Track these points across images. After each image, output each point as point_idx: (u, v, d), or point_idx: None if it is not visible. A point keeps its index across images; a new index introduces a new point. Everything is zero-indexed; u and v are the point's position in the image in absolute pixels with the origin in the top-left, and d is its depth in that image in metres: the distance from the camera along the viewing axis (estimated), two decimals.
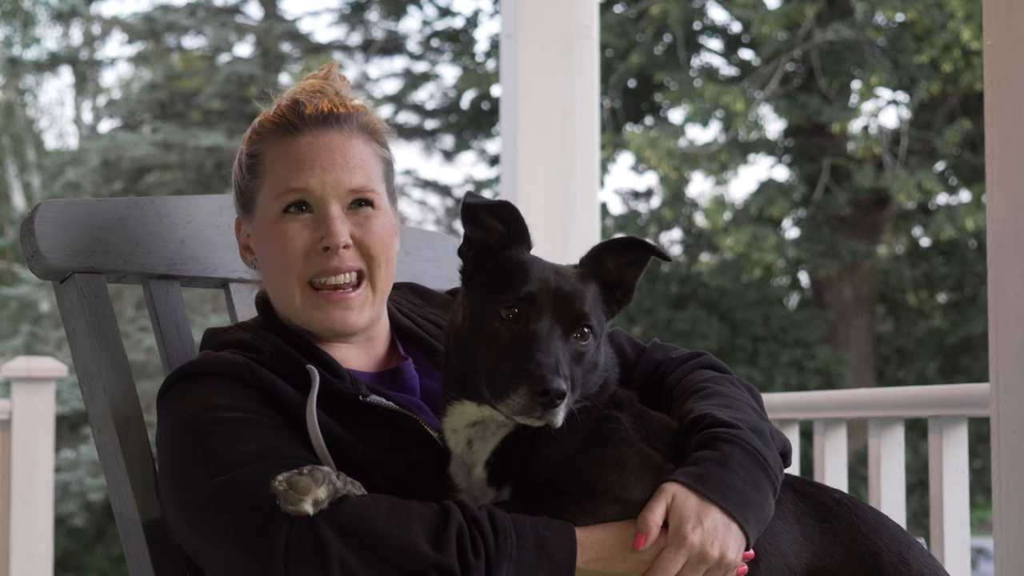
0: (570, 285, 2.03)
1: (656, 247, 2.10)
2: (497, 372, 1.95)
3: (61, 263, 2.31)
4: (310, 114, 2.23)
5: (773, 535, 2.04)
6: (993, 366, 2.80)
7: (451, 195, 18.64)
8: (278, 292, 2.26)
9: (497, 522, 1.91)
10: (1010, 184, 2.76)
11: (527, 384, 1.90)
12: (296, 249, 2.20)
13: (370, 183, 2.24)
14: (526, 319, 1.97)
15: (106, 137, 17.15)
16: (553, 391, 1.89)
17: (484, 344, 1.98)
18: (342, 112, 2.25)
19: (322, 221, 2.20)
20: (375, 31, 19.03)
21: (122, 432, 2.29)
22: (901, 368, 18.48)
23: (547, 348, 1.94)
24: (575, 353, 1.98)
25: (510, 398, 1.92)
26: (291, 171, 2.21)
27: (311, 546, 1.88)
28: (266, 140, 2.25)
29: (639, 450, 2.02)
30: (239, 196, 2.31)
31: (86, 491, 14.79)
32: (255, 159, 2.26)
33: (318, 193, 2.20)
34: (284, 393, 2.11)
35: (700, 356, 2.30)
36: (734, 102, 14.94)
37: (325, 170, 2.20)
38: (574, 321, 1.99)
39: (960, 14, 14.00)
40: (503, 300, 1.98)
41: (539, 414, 1.91)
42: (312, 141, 2.22)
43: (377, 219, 2.24)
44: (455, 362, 2.06)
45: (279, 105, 2.27)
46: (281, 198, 2.21)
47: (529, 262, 2.05)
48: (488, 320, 1.99)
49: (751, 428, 2.07)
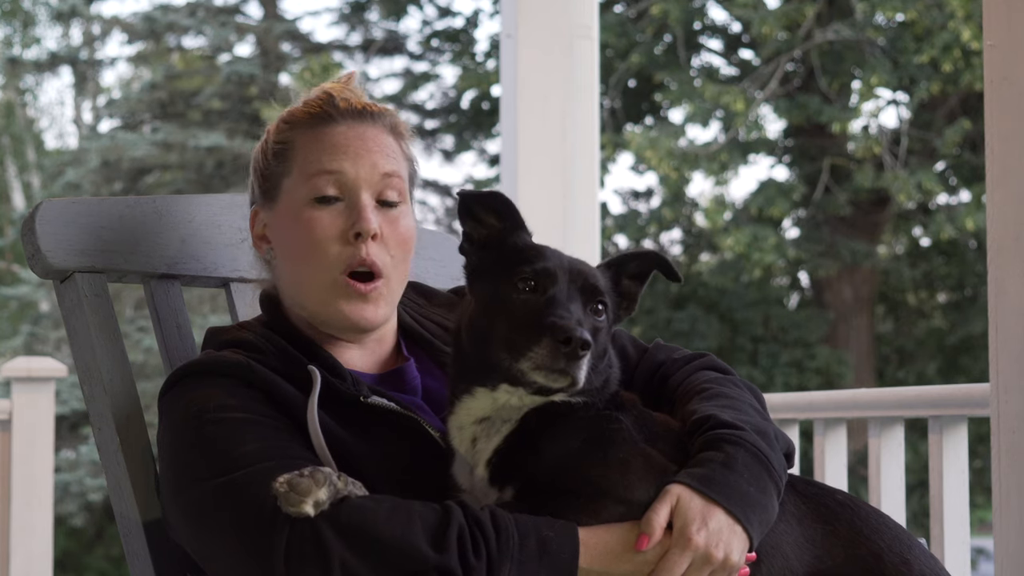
0: (584, 265, 2.05)
1: (669, 264, 2.12)
2: (517, 335, 1.94)
3: (62, 262, 2.30)
4: (345, 107, 2.24)
5: (775, 537, 2.04)
6: (993, 366, 2.80)
7: (451, 195, 18.65)
8: (299, 282, 2.23)
9: (499, 522, 1.90)
10: (1010, 184, 2.76)
11: (550, 335, 1.89)
12: (327, 238, 2.18)
13: (400, 171, 2.24)
14: (544, 288, 1.98)
15: (106, 137, 17.15)
16: (576, 339, 1.88)
17: (501, 316, 1.97)
18: (374, 110, 2.27)
19: (354, 208, 2.18)
20: (375, 31, 19.03)
21: (123, 432, 2.28)
22: (901, 368, 18.48)
23: (567, 307, 1.95)
24: (592, 328, 1.98)
25: (532, 352, 1.91)
26: (324, 153, 2.20)
27: (312, 547, 1.87)
28: (297, 128, 2.24)
29: (642, 451, 2.02)
30: (260, 183, 2.28)
31: (86, 491, 14.80)
32: (284, 145, 2.24)
33: (351, 176, 2.19)
34: (286, 393, 2.10)
35: (703, 357, 2.30)
36: (734, 102, 14.94)
37: (360, 156, 2.20)
38: (590, 295, 2.00)
39: (960, 14, 13.99)
40: (519, 273, 1.98)
41: (563, 365, 1.89)
42: (347, 130, 2.22)
43: (404, 219, 2.24)
44: (468, 349, 2.04)
45: (309, 98, 2.27)
46: (312, 181, 2.19)
47: (537, 244, 2.07)
48: (506, 294, 1.98)
49: (755, 430, 2.06)
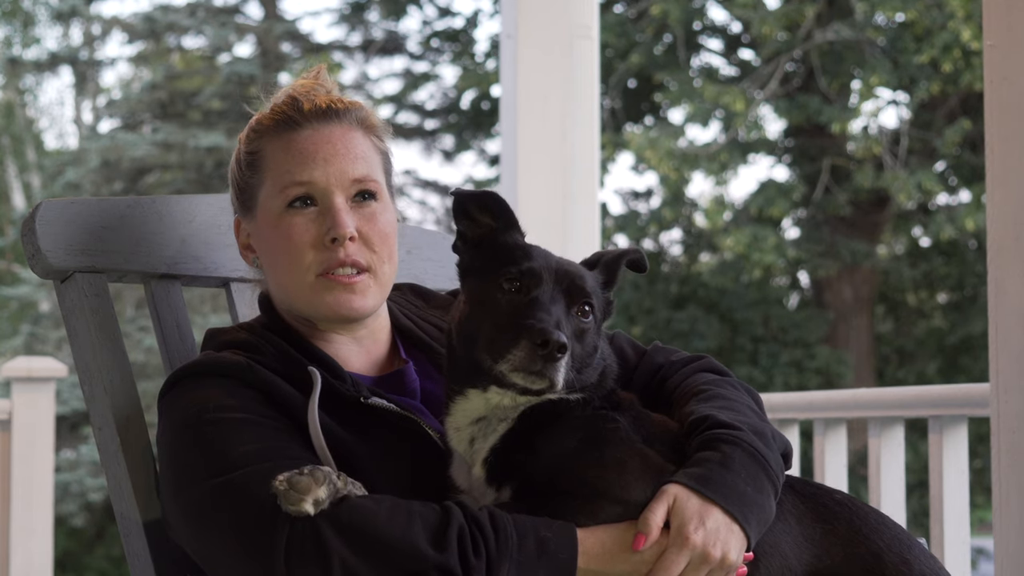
0: (571, 265, 2.06)
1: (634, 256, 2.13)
2: (498, 336, 1.95)
3: (62, 262, 2.30)
4: (309, 109, 2.23)
5: (773, 536, 2.04)
6: (993, 366, 2.80)
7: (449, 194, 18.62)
8: (284, 287, 2.24)
9: (498, 522, 1.91)
10: (1010, 184, 2.77)
11: (527, 337, 1.91)
12: (303, 244, 2.19)
13: (372, 173, 2.24)
14: (527, 290, 1.99)
15: (106, 137, 17.13)
16: (553, 341, 1.90)
17: (486, 317, 1.99)
18: (340, 107, 2.26)
19: (327, 213, 2.19)
20: (375, 31, 19.02)
21: (123, 431, 2.28)
22: (901, 368, 18.48)
23: (548, 309, 1.96)
24: (576, 329, 2.00)
25: (511, 354, 1.93)
26: (294, 164, 2.20)
27: (312, 546, 1.88)
28: (265, 137, 2.25)
29: (639, 451, 2.02)
30: (238, 195, 2.30)
31: (86, 491, 14.79)
32: (255, 156, 2.26)
33: (322, 185, 2.19)
34: (285, 394, 2.11)
35: (701, 359, 2.30)
36: (734, 102, 14.94)
37: (328, 161, 2.20)
38: (575, 296, 2.01)
39: (960, 14, 14.00)
40: (505, 273, 2.00)
41: (539, 367, 1.91)
42: (313, 134, 2.22)
43: (382, 214, 2.24)
44: (459, 350, 2.06)
45: (276, 102, 2.28)
46: (285, 192, 2.20)
47: (527, 244, 2.08)
48: (490, 294, 2.00)
49: (752, 430, 2.07)
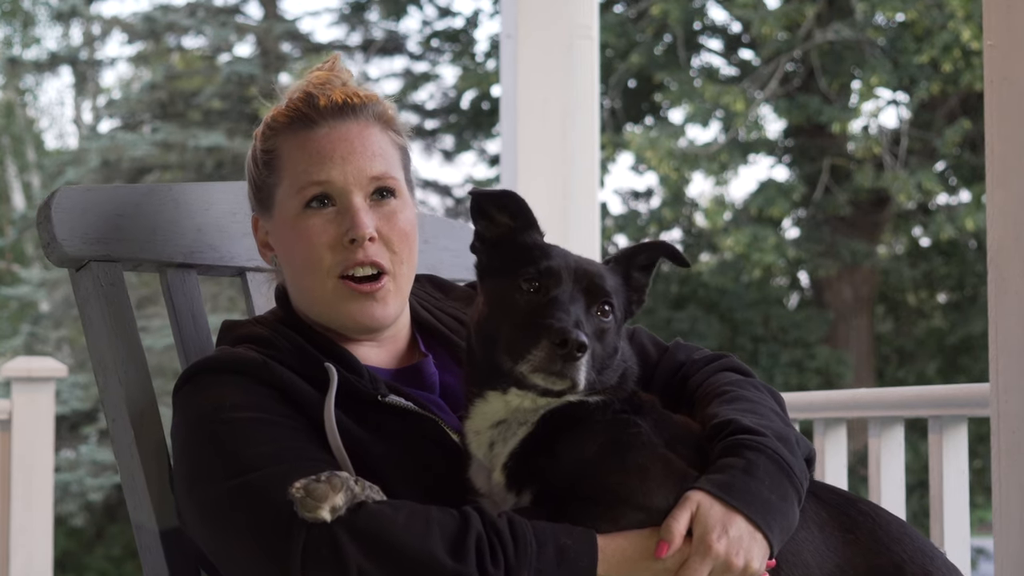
0: (591, 264, 2.03)
1: (674, 250, 2.10)
2: (517, 337, 1.93)
3: (78, 251, 2.27)
4: (325, 105, 2.19)
5: (795, 544, 2.00)
6: (993, 366, 2.79)
7: (451, 195, 18.62)
8: (304, 289, 2.20)
9: (517, 530, 1.88)
10: (1010, 184, 2.76)
11: (546, 336, 1.89)
12: (322, 245, 2.15)
13: (391, 170, 2.20)
14: (546, 290, 1.97)
15: (106, 137, 17.15)
16: (572, 341, 1.87)
17: (505, 317, 1.97)
18: (356, 102, 2.21)
19: (346, 213, 2.15)
20: (375, 31, 19.02)
21: (137, 424, 2.25)
22: (901, 368, 18.48)
23: (568, 309, 1.93)
24: (596, 329, 1.97)
25: (531, 354, 1.90)
26: (311, 164, 2.16)
27: (329, 553, 1.85)
28: (281, 134, 2.20)
29: (662, 456, 1.99)
30: (256, 192, 2.25)
31: (86, 491, 14.79)
32: (271, 154, 2.21)
33: (340, 184, 2.15)
34: (301, 392, 2.08)
35: (723, 358, 2.27)
36: (734, 102, 14.94)
37: (346, 160, 2.16)
38: (595, 296, 1.98)
39: (960, 14, 13.99)
40: (523, 274, 1.98)
41: (559, 367, 1.88)
42: (329, 132, 2.17)
43: (401, 212, 2.20)
44: (478, 352, 2.03)
45: (291, 99, 2.23)
46: (302, 192, 2.16)
47: (545, 244, 2.05)
48: (509, 294, 1.98)
49: (777, 435, 2.03)
